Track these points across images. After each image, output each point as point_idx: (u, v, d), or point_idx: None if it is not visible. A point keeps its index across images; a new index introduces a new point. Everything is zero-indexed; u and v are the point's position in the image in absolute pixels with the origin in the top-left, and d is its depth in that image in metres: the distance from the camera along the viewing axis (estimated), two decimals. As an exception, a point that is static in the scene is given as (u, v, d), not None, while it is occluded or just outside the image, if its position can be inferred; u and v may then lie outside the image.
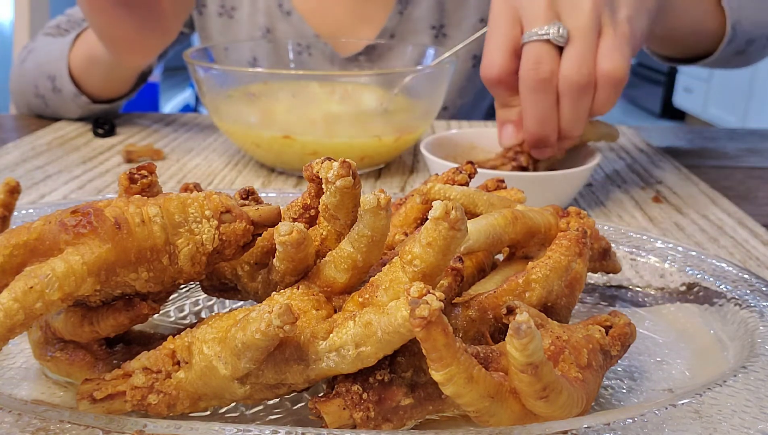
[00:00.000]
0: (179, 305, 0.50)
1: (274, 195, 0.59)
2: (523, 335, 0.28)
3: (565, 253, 0.39)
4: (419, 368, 0.34)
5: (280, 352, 0.32)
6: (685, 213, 0.76)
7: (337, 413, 0.33)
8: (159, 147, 0.95)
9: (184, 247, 0.35)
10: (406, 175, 0.88)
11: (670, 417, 0.32)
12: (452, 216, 0.30)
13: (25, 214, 0.53)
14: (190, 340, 0.35)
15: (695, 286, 0.49)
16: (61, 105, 1.05)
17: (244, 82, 0.88)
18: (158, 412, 0.35)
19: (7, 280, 0.32)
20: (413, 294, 0.28)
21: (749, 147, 1.05)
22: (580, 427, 0.31)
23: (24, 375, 0.41)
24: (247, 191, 0.40)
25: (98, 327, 0.36)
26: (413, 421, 0.34)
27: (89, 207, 0.33)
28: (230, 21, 1.16)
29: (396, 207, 0.47)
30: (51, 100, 1.06)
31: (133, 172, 0.38)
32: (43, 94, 1.06)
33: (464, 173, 0.47)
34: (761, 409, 0.33)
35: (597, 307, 0.51)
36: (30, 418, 0.31)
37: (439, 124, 1.13)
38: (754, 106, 4.09)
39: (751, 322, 0.42)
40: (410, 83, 0.85)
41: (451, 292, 0.36)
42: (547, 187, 0.69)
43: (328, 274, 0.36)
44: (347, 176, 0.34)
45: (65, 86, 1.02)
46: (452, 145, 0.82)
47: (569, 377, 0.33)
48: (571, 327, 0.37)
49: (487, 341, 0.36)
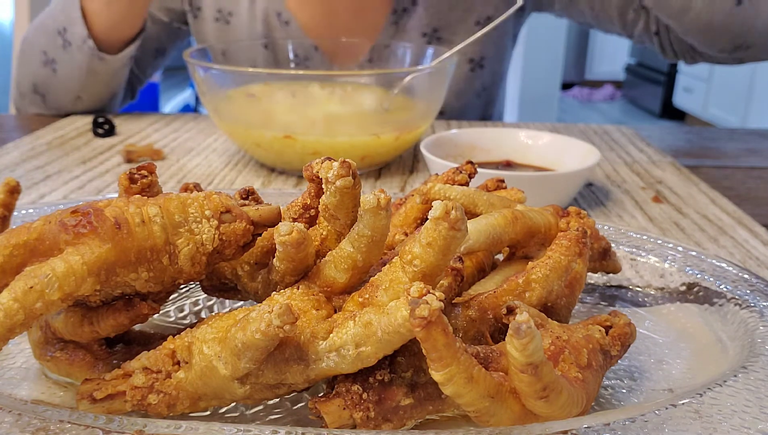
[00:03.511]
0: (179, 305, 0.50)
1: (273, 192, 0.59)
2: (523, 335, 0.28)
3: (565, 253, 0.39)
4: (419, 368, 0.34)
5: (280, 352, 0.32)
6: (685, 213, 0.76)
7: (337, 413, 0.33)
8: (159, 147, 0.95)
9: (184, 247, 0.35)
10: (406, 175, 0.88)
11: (670, 417, 0.32)
12: (452, 216, 0.30)
13: (25, 214, 0.53)
14: (190, 340, 0.35)
15: (695, 286, 0.49)
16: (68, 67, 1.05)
17: (244, 83, 0.88)
18: (158, 412, 0.35)
19: (7, 280, 0.32)
20: (413, 294, 0.28)
21: (749, 147, 1.05)
22: (580, 427, 0.31)
23: (24, 375, 0.41)
24: (247, 191, 0.40)
25: (98, 327, 0.36)
26: (413, 421, 0.34)
27: (89, 207, 0.33)
28: (227, 27, 1.16)
29: (396, 207, 0.47)
30: (60, 63, 1.06)
31: (133, 172, 0.38)
32: (53, 58, 1.06)
33: (464, 173, 0.47)
34: (761, 409, 0.33)
35: (597, 307, 0.51)
36: (30, 418, 0.31)
37: (439, 124, 1.13)
38: (754, 106, 4.09)
39: (751, 322, 0.42)
40: (410, 83, 0.85)
41: (451, 292, 0.36)
42: (547, 187, 0.69)
43: (328, 274, 0.36)
44: (347, 176, 0.34)
45: (75, 33, 1.02)
46: (452, 145, 0.82)
47: (569, 377, 0.33)
48: (571, 327, 0.37)
49: (487, 341, 0.36)
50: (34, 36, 1.08)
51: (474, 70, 1.17)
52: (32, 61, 1.08)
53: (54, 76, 1.07)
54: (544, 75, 3.64)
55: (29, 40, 1.09)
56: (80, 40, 1.02)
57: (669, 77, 5.12)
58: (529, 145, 0.83)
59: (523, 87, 3.61)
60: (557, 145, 0.81)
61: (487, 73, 1.19)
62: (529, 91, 3.62)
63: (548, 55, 3.61)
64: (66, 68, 1.06)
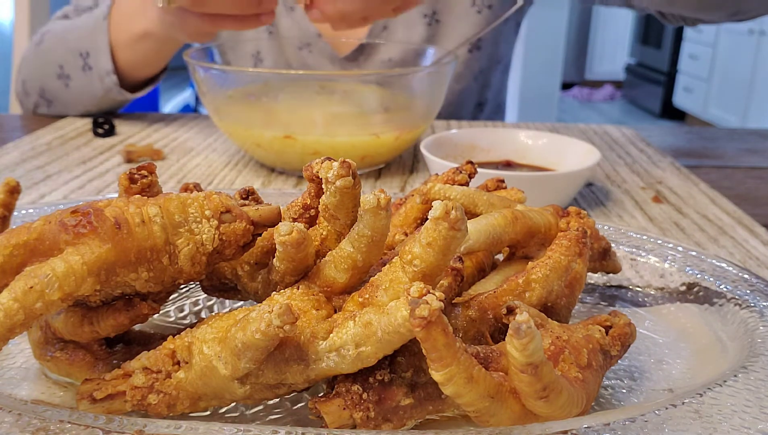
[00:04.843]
0: (179, 305, 0.50)
1: (273, 192, 0.59)
2: (523, 335, 0.28)
3: (565, 253, 0.39)
4: (419, 368, 0.34)
5: (280, 352, 0.32)
6: (685, 213, 0.76)
7: (337, 413, 0.33)
8: (159, 147, 0.95)
9: (184, 247, 0.35)
10: (406, 175, 0.88)
11: (670, 417, 0.32)
12: (452, 216, 0.30)
13: (25, 214, 0.53)
14: (190, 340, 0.35)
15: (695, 286, 0.49)
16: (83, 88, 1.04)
17: (244, 83, 0.88)
18: (158, 412, 0.35)
19: (7, 280, 0.32)
20: (413, 294, 0.28)
21: (749, 147, 1.05)
22: (580, 427, 0.31)
23: (24, 375, 0.41)
24: (247, 191, 0.40)
25: (98, 327, 0.36)
26: (413, 421, 0.34)
27: (89, 207, 0.33)
28: None
29: (396, 207, 0.47)
30: (76, 80, 1.04)
31: (133, 172, 0.38)
32: (68, 74, 1.05)
33: (464, 173, 0.47)
34: (761, 409, 0.33)
35: (597, 307, 0.51)
36: (30, 418, 0.31)
37: (439, 124, 1.13)
38: (754, 106, 4.09)
39: (751, 322, 0.42)
40: (410, 82, 0.85)
41: (451, 292, 0.36)
42: (547, 187, 0.69)
43: (328, 274, 0.36)
44: (347, 176, 0.34)
45: (99, 62, 1.01)
46: (452, 145, 0.82)
47: (569, 377, 0.33)
48: (571, 327, 0.37)
49: (487, 341, 0.36)
50: (53, 44, 1.06)
51: (471, 51, 1.17)
52: (45, 69, 1.07)
53: (66, 90, 1.07)
54: (544, 75, 3.64)
55: (45, 46, 1.07)
56: (103, 71, 1.01)
57: (669, 77, 5.12)
58: (529, 145, 0.83)
59: (523, 87, 3.62)
60: (557, 145, 0.81)
61: (483, 55, 1.19)
62: (529, 91, 3.62)
63: (548, 55, 3.62)
64: (80, 88, 1.05)
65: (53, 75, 1.06)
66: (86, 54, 1.02)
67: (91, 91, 1.05)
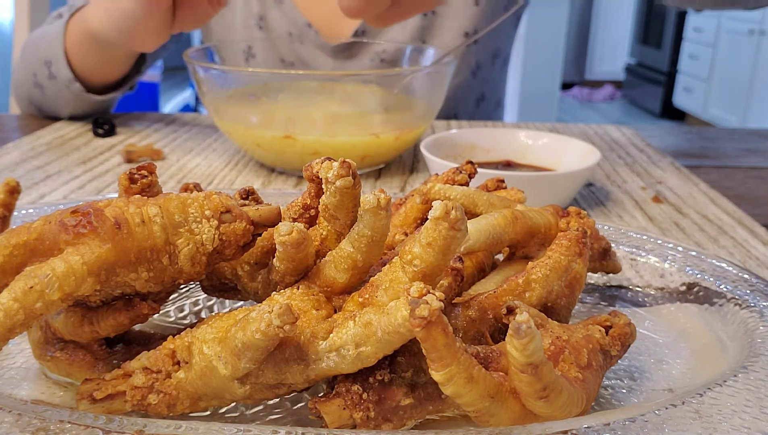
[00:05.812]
0: (179, 305, 0.50)
1: (273, 192, 0.59)
2: (523, 335, 0.28)
3: (565, 253, 0.39)
4: (419, 368, 0.34)
5: (280, 352, 0.32)
6: (685, 213, 0.76)
7: (337, 413, 0.33)
8: (159, 147, 0.95)
9: (184, 247, 0.35)
10: (406, 175, 0.88)
11: (670, 417, 0.32)
12: (452, 216, 0.30)
13: (25, 214, 0.53)
14: (190, 340, 0.35)
15: (695, 286, 0.49)
16: (57, 95, 1.04)
17: (244, 83, 0.88)
18: (158, 412, 0.35)
19: (7, 280, 0.32)
20: (413, 294, 0.28)
21: (749, 147, 1.05)
22: (580, 427, 0.31)
23: (24, 375, 0.41)
24: (247, 191, 0.40)
25: (98, 327, 0.36)
26: (413, 421, 0.34)
27: (89, 207, 0.33)
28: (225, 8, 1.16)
29: (396, 207, 0.47)
30: (48, 88, 1.04)
31: (133, 172, 0.38)
32: (41, 83, 1.04)
33: (464, 173, 0.47)
34: (761, 409, 0.33)
35: (597, 307, 0.51)
36: (30, 418, 0.31)
37: (439, 124, 1.13)
38: (754, 106, 4.09)
39: (751, 322, 0.42)
40: (410, 82, 0.85)
41: (451, 292, 0.36)
42: (547, 187, 0.69)
43: (328, 274, 0.36)
44: (347, 176, 0.34)
45: (60, 71, 1.00)
46: (452, 145, 0.82)
47: (569, 377, 0.33)
48: (571, 327, 0.37)
49: (487, 341, 0.36)
50: (29, 52, 1.06)
51: (469, 45, 1.17)
52: (26, 77, 1.07)
53: (44, 97, 1.06)
54: (544, 75, 3.65)
55: (25, 53, 1.07)
56: (66, 79, 1.00)
57: (669, 77, 5.12)
58: (529, 145, 0.83)
59: (523, 87, 3.62)
60: (557, 145, 0.81)
61: (480, 47, 1.19)
62: (528, 91, 3.63)
63: (548, 54, 3.62)
64: (54, 95, 1.05)
65: (31, 83, 1.06)
66: (49, 63, 1.01)
67: (64, 98, 1.04)
